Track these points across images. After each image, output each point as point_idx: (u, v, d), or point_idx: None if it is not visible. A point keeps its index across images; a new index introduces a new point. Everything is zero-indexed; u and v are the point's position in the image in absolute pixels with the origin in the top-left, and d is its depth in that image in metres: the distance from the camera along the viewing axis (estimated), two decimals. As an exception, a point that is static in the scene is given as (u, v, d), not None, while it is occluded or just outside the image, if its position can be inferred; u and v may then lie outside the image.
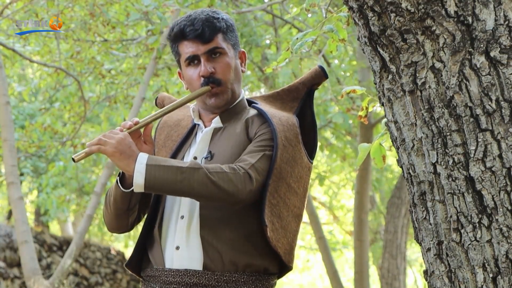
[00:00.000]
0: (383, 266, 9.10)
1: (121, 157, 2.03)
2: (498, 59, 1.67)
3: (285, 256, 2.14)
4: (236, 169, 2.05)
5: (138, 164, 2.02)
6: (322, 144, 9.49)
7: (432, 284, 1.83)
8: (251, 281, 2.10)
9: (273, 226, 2.09)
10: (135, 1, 6.55)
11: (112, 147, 2.04)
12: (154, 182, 2.01)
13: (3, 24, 7.23)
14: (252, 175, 2.05)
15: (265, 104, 2.29)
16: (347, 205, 14.64)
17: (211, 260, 2.09)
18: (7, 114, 5.56)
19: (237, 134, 2.19)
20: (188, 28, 2.18)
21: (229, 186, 2.02)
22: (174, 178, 2.01)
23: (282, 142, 2.12)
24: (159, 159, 2.05)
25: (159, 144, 2.34)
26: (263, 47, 7.76)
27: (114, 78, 7.72)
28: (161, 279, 2.14)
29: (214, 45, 2.18)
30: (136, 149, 2.06)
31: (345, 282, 15.31)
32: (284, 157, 2.12)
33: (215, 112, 2.26)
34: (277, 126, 2.14)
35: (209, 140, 2.23)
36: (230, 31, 2.23)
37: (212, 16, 2.20)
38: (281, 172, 2.11)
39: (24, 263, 5.42)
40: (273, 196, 2.10)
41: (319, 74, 2.28)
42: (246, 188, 2.04)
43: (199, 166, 2.03)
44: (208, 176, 2.01)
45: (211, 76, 2.18)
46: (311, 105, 2.30)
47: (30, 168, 10.49)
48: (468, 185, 1.71)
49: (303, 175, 2.19)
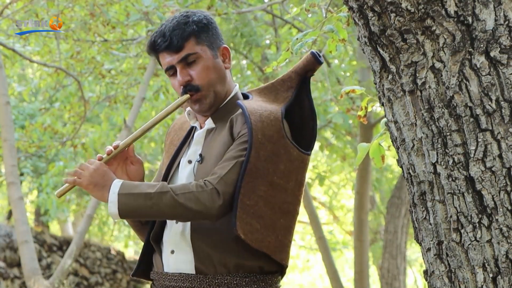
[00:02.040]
0: (383, 266, 9.10)
1: (94, 188, 2.06)
2: (498, 59, 1.67)
3: (275, 254, 2.11)
4: (203, 186, 2.04)
5: (111, 194, 2.04)
6: (322, 144, 9.49)
7: (432, 284, 1.83)
8: (244, 283, 2.09)
9: (251, 228, 2.06)
10: (135, 1, 6.55)
11: (86, 179, 2.07)
12: (127, 210, 2.04)
13: (3, 24, 7.22)
14: (219, 190, 2.03)
15: (259, 97, 2.24)
16: (347, 205, 14.64)
17: (202, 263, 2.10)
18: (7, 114, 5.56)
19: (223, 135, 2.17)
20: (159, 40, 2.17)
21: (196, 205, 2.02)
22: (144, 204, 2.03)
23: (259, 140, 2.07)
24: (131, 187, 2.06)
25: (165, 149, 2.36)
26: (263, 47, 7.76)
27: (114, 78, 7.72)
28: (159, 282, 2.17)
29: (186, 52, 2.15)
30: (112, 178, 2.08)
31: (345, 282, 15.30)
32: (261, 155, 2.07)
33: (205, 115, 2.24)
34: (255, 123, 2.09)
35: (202, 142, 2.21)
36: (204, 31, 2.18)
37: (182, 22, 2.16)
38: (257, 171, 2.07)
39: (24, 263, 5.43)
40: (249, 197, 2.06)
41: (311, 61, 2.22)
42: (214, 205, 2.03)
43: (166, 189, 2.03)
44: (175, 198, 2.02)
45: (188, 84, 2.17)
46: (308, 93, 2.24)
47: (30, 168, 10.49)
48: (468, 185, 1.71)
49: (293, 169, 2.13)
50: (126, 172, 2.22)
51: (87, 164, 2.10)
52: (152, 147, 10.12)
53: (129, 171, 2.23)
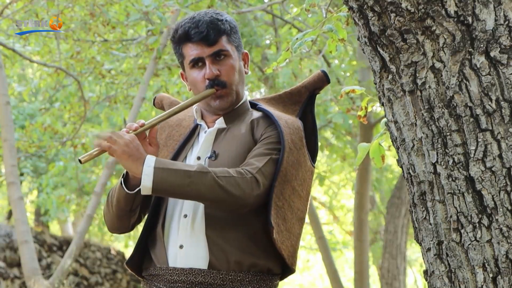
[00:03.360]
0: (383, 266, 9.10)
1: (129, 159, 2.03)
2: (498, 59, 1.67)
3: (289, 258, 2.15)
4: (243, 173, 2.06)
5: (146, 167, 2.02)
6: (322, 144, 9.48)
7: (432, 284, 1.83)
8: (255, 280, 2.12)
9: (278, 228, 2.10)
10: (135, 1, 6.55)
11: (121, 148, 2.04)
12: (162, 185, 2.01)
13: (3, 24, 7.23)
14: (259, 180, 2.06)
15: (268, 106, 2.30)
16: (347, 205, 14.64)
17: (216, 259, 2.10)
18: (7, 114, 5.56)
19: (242, 135, 2.19)
20: (193, 31, 2.18)
21: (236, 190, 2.03)
22: (182, 181, 2.01)
23: (289, 145, 2.14)
24: (167, 162, 2.05)
25: (160, 144, 2.34)
26: (263, 47, 7.76)
27: (114, 78, 7.72)
28: (165, 278, 2.15)
29: (219, 48, 2.19)
30: (144, 152, 2.06)
31: (345, 282, 15.30)
32: (290, 160, 2.13)
33: (218, 114, 2.26)
34: (284, 128, 2.15)
35: (212, 140, 2.23)
36: (233, 33, 2.23)
37: (217, 18, 2.20)
38: (286, 175, 2.12)
39: (24, 263, 5.42)
40: (279, 198, 2.11)
41: (321, 79, 2.30)
42: (253, 193, 2.05)
43: (207, 170, 2.03)
44: (216, 180, 2.02)
45: (216, 78, 2.19)
46: (312, 109, 2.31)
47: (30, 168, 10.49)
48: (468, 185, 1.71)
49: (307, 178, 2.20)
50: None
51: (120, 133, 2.06)
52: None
53: (146, 152, 2.17)
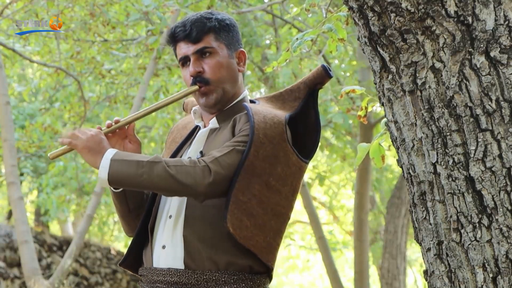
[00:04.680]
0: (383, 266, 9.10)
1: (89, 153, 2.07)
2: (498, 59, 1.67)
3: (262, 254, 2.12)
4: (196, 163, 2.05)
5: (104, 159, 2.05)
6: (322, 144, 9.49)
7: (432, 284, 1.83)
8: (232, 280, 2.09)
9: (241, 224, 2.07)
10: (135, 1, 6.55)
11: (82, 143, 2.08)
12: (117, 176, 2.04)
13: (3, 24, 7.23)
14: (211, 168, 2.05)
15: (266, 103, 2.29)
16: (347, 205, 14.64)
17: (191, 259, 2.10)
18: (7, 114, 5.56)
19: (224, 133, 2.19)
20: (178, 29, 2.21)
21: (186, 179, 2.03)
22: (135, 172, 2.03)
23: (259, 139, 2.09)
24: (125, 155, 2.07)
25: (166, 146, 2.38)
26: (263, 47, 7.76)
27: (114, 78, 7.72)
28: (148, 278, 2.17)
29: (203, 45, 2.19)
30: (107, 146, 2.09)
31: (345, 282, 15.30)
32: (260, 154, 2.09)
33: (213, 113, 2.26)
34: (258, 123, 2.12)
35: (204, 141, 2.23)
36: (224, 30, 2.22)
37: (205, 17, 2.21)
38: (255, 169, 2.09)
39: (24, 263, 5.43)
40: (243, 193, 2.08)
41: (321, 74, 2.27)
42: (204, 181, 2.03)
43: (159, 160, 2.05)
44: (166, 169, 2.03)
45: (198, 75, 2.20)
46: (315, 105, 2.28)
47: (30, 168, 10.49)
48: (468, 185, 1.71)
49: (290, 174, 2.15)
50: (123, 150, 2.23)
51: (85, 130, 2.12)
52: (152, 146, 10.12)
53: (126, 149, 2.24)
